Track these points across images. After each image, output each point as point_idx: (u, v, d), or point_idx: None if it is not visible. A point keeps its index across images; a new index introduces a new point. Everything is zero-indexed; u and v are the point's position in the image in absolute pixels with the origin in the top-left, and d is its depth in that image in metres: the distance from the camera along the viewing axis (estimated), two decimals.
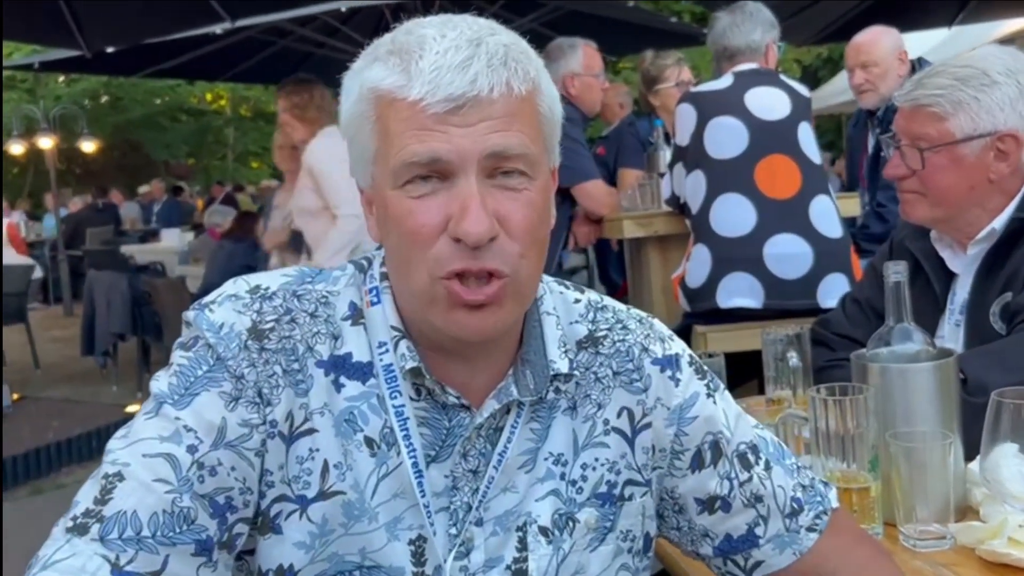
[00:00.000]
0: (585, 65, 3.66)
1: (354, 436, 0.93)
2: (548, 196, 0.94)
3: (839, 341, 1.84)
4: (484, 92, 0.85)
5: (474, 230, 0.85)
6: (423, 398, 0.94)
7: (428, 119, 0.85)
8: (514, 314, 0.92)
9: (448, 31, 0.87)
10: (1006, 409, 1.08)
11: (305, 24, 7.00)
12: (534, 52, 0.93)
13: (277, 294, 0.95)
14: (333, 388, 0.93)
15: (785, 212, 2.82)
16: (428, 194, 0.87)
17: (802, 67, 16.72)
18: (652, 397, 1.02)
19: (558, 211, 3.40)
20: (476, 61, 0.85)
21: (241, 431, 0.89)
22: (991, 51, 1.66)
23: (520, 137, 0.87)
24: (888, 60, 3.50)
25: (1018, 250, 1.62)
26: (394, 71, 0.87)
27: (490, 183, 0.87)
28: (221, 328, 0.91)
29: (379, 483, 0.93)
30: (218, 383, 0.90)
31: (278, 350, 0.92)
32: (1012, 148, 1.62)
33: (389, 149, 0.88)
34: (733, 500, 1.03)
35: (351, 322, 0.96)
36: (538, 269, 0.94)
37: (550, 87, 0.94)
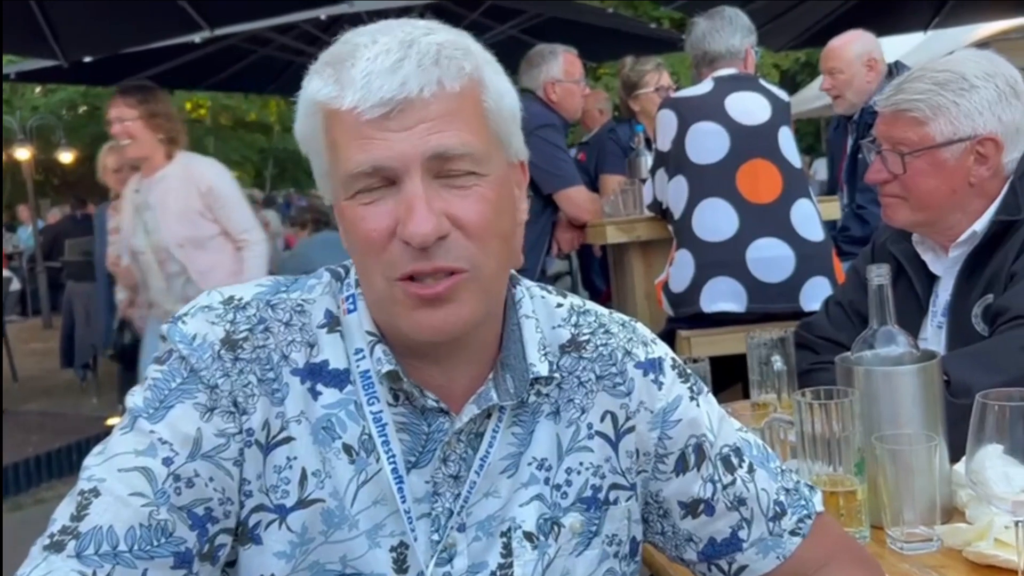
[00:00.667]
0: (565, 71, 3.68)
1: (332, 444, 0.92)
2: (506, 190, 0.93)
3: (823, 344, 1.85)
4: (415, 93, 0.85)
5: (419, 231, 0.85)
6: (401, 403, 0.94)
7: (366, 126, 0.86)
8: (478, 310, 0.91)
9: (381, 36, 0.88)
10: (991, 411, 1.08)
11: (285, 32, 6.97)
12: (478, 48, 0.93)
13: (251, 304, 0.95)
14: (310, 396, 0.93)
15: (767, 216, 2.83)
16: (377, 200, 0.87)
17: (781, 72, 16.84)
18: (635, 401, 1.02)
19: (540, 218, 3.40)
20: (406, 63, 0.85)
21: (217, 441, 0.89)
22: (969, 55, 1.68)
23: (460, 136, 0.87)
24: (853, 66, 3.54)
25: (999, 252, 1.64)
26: (329, 82, 0.88)
27: (438, 183, 0.87)
28: (194, 340, 0.91)
29: (359, 490, 0.92)
30: (192, 394, 0.90)
31: (252, 359, 0.92)
32: (991, 151, 1.63)
33: (337, 160, 0.89)
34: (716, 503, 1.03)
35: (327, 330, 0.96)
36: (503, 263, 0.93)
37: (497, 81, 0.93)
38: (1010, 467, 1.09)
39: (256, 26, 6.31)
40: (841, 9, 6.82)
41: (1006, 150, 1.64)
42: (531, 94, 3.69)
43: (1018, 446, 1.08)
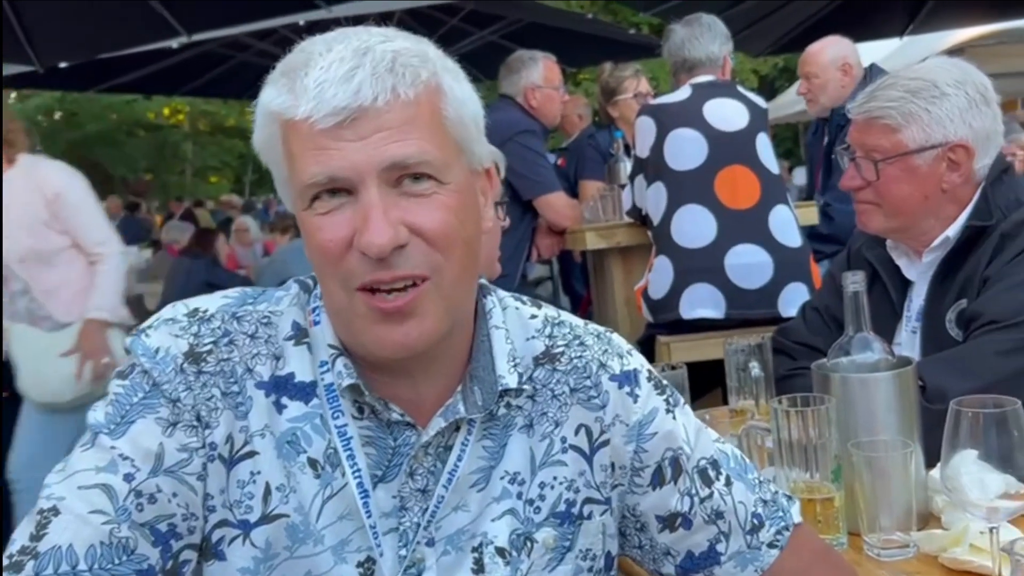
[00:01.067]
0: (545, 78, 3.69)
1: (297, 458, 0.91)
2: (469, 198, 0.92)
3: (800, 350, 1.86)
4: (369, 101, 0.83)
5: (375, 241, 0.83)
6: (366, 416, 0.93)
7: (321, 136, 0.84)
8: (441, 323, 0.89)
9: (336, 44, 0.86)
10: (965, 417, 1.09)
11: (264, 38, 6.94)
12: (437, 54, 0.92)
13: (216, 316, 0.94)
14: (274, 409, 0.92)
15: (745, 222, 2.84)
16: (335, 209, 0.86)
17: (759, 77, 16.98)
18: (610, 414, 1.01)
19: (520, 224, 3.40)
20: (360, 71, 0.84)
21: (180, 456, 0.88)
22: (940, 63, 1.69)
23: (418, 144, 0.85)
24: (828, 71, 3.59)
25: (972, 257, 1.65)
26: (283, 91, 0.87)
27: (395, 192, 0.86)
28: (157, 353, 0.90)
29: (324, 505, 0.91)
30: (154, 409, 0.89)
31: (216, 373, 0.91)
32: (963, 158, 1.65)
33: (294, 171, 0.88)
34: (694, 517, 1.03)
35: (294, 342, 0.95)
36: (467, 272, 0.92)
37: (457, 88, 0.91)
38: (985, 473, 1.10)
39: (234, 32, 6.28)
40: (818, 15, 6.88)
41: (977, 156, 1.65)
42: (510, 100, 3.70)
43: (992, 452, 1.09)
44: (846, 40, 3.70)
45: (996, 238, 1.62)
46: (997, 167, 1.68)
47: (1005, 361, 1.50)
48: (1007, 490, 1.10)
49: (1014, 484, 1.09)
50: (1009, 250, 1.59)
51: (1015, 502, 1.09)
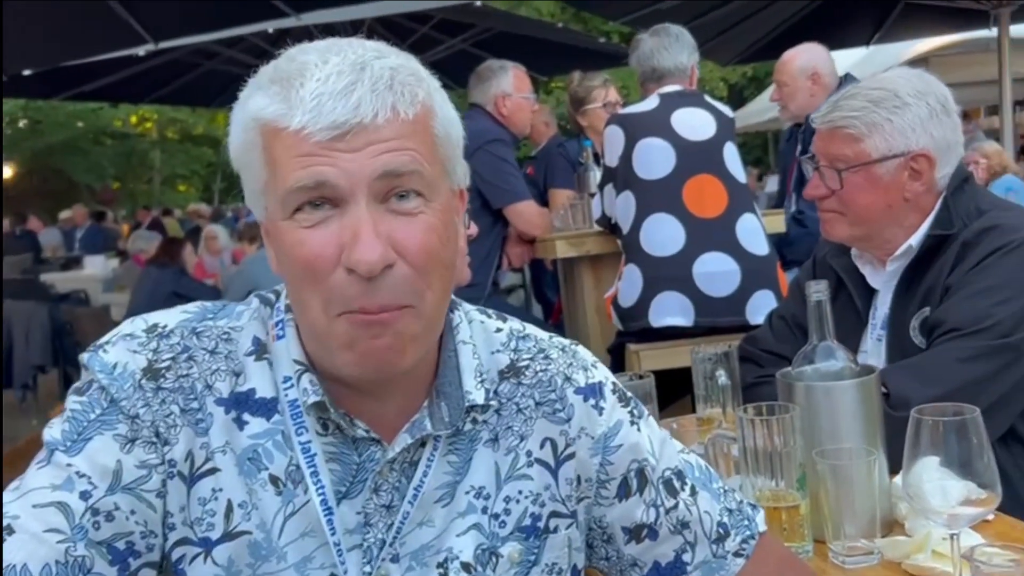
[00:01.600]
0: (515, 86, 3.69)
1: (258, 475, 0.90)
2: (449, 218, 0.91)
3: (767, 357, 1.87)
4: (368, 118, 0.82)
5: (366, 258, 0.82)
6: (331, 432, 0.92)
7: (313, 146, 0.82)
8: (420, 346, 0.89)
9: (331, 56, 0.85)
10: (925, 425, 1.10)
11: (232, 46, 6.89)
12: (427, 73, 0.91)
13: (175, 332, 0.92)
14: (235, 426, 0.91)
15: (713, 231, 2.86)
16: (320, 222, 0.84)
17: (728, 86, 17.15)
18: (576, 427, 1.00)
19: (491, 232, 3.39)
20: (359, 86, 0.82)
21: (139, 473, 0.87)
22: (901, 73, 1.72)
23: (412, 155, 0.84)
24: (797, 80, 3.64)
25: (934, 266, 1.67)
26: (275, 100, 0.84)
27: (384, 208, 0.84)
28: (115, 369, 0.89)
29: (286, 522, 0.90)
30: (112, 425, 0.87)
31: (175, 389, 0.89)
32: (925, 167, 1.67)
33: (276, 178, 0.86)
34: (660, 527, 1.03)
35: (255, 357, 0.93)
36: (444, 296, 0.91)
37: (447, 109, 0.91)
38: (947, 479, 1.11)
39: (201, 39, 6.23)
40: (785, 25, 6.98)
41: (938, 166, 1.67)
42: (480, 109, 3.70)
43: (953, 459, 1.10)
44: (820, 48, 3.73)
45: (958, 247, 1.64)
46: (958, 176, 1.71)
47: (967, 368, 1.52)
48: (968, 496, 1.11)
49: (975, 491, 1.10)
50: (970, 259, 1.61)
51: (975, 508, 1.11)
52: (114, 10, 5.01)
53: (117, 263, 9.46)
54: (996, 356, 1.53)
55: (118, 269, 8.59)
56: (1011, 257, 1.59)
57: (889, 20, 7.18)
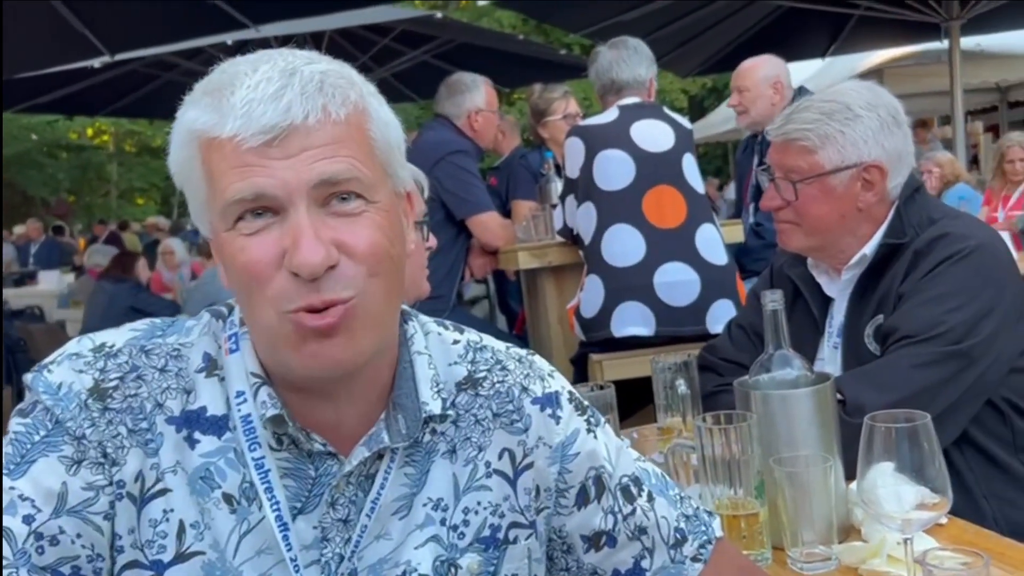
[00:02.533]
0: (488, 102, 3.73)
1: (211, 494, 0.89)
2: (395, 218, 0.91)
3: (726, 366, 1.89)
4: (299, 120, 0.83)
5: (308, 261, 0.82)
6: (285, 447, 0.91)
7: (248, 154, 0.83)
8: (371, 342, 0.88)
9: (261, 65, 0.85)
10: (878, 432, 1.12)
11: (191, 58, 6.82)
12: (361, 78, 0.91)
13: (123, 351, 0.91)
14: (186, 445, 0.89)
15: (673, 241, 2.88)
16: (261, 230, 0.84)
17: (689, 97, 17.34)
18: (533, 437, 1.01)
19: (455, 243, 3.38)
20: (289, 90, 0.83)
21: (85, 495, 0.85)
22: (852, 86, 1.75)
23: (348, 161, 0.85)
24: (760, 87, 3.71)
25: (887, 274, 1.70)
26: (207, 110, 0.85)
27: (324, 212, 0.85)
28: (59, 389, 0.87)
29: (241, 540, 0.89)
30: (57, 447, 0.85)
31: (123, 409, 0.88)
32: (877, 178, 1.70)
33: (216, 191, 0.86)
34: (618, 534, 1.03)
35: (205, 374, 0.92)
36: (393, 293, 0.91)
37: (382, 112, 0.91)
38: (901, 485, 1.13)
39: (158, 51, 6.16)
40: (743, 36, 7.08)
41: (890, 176, 1.71)
42: (445, 120, 3.70)
43: (905, 465, 1.12)
44: (779, 60, 3.82)
45: (910, 255, 1.67)
46: (910, 186, 1.74)
47: (921, 374, 1.55)
48: (923, 501, 1.13)
49: (928, 495, 1.12)
50: (922, 267, 1.65)
51: (928, 513, 1.12)
52: (68, 21, 4.94)
53: (72, 278, 9.29)
54: (949, 362, 1.56)
55: (73, 284, 8.43)
56: (962, 265, 1.62)
57: (844, 32, 7.32)
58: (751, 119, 3.76)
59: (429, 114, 3.93)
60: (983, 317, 1.58)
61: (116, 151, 22.21)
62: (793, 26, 6.89)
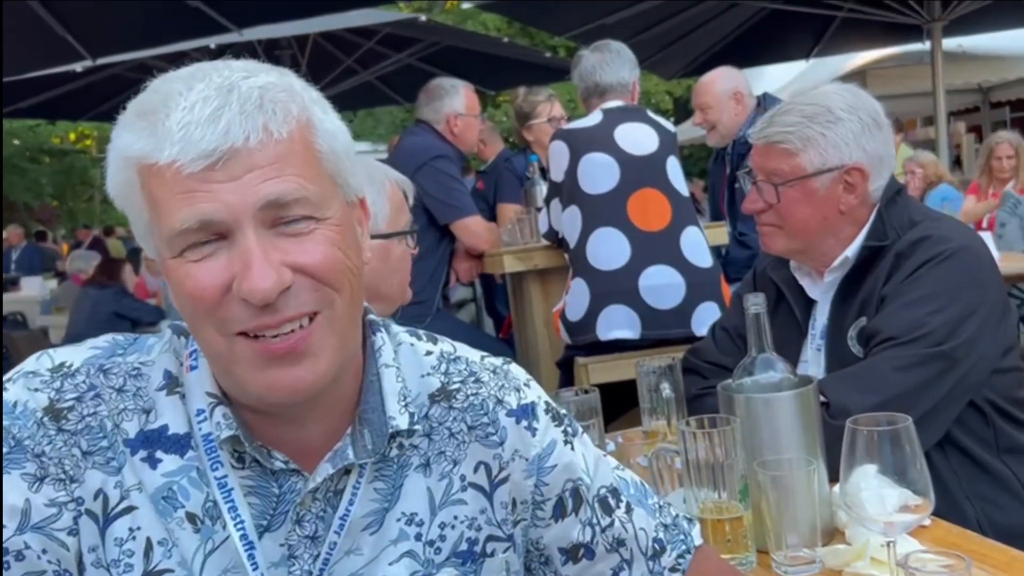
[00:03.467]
0: (467, 106, 3.72)
1: (174, 514, 0.87)
2: (348, 230, 0.88)
3: (710, 369, 1.89)
4: (240, 142, 0.79)
5: (259, 286, 0.79)
6: (248, 465, 0.90)
7: (189, 179, 0.79)
8: (332, 362, 0.86)
9: (196, 83, 0.81)
10: (860, 435, 1.12)
11: (174, 61, 6.76)
12: (303, 86, 0.88)
13: (80, 371, 0.89)
14: (147, 465, 0.88)
15: (657, 244, 2.89)
16: (208, 256, 0.81)
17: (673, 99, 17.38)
18: (509, 450, 0.99)
19: (438, 248, 3.38)
20: (227, 110, 0.79)
21: (48, 511, 0.84)
22: (834, 89, 1.76)
23: (294, 181, 0.81)
24: (721, 101, 3.72)
25: (870, 276, 1.71)
26: (142, 135, 0.81)
27: (273, 233, 0.82)
28: (15, 407, 0.86)
29: (206, 560, 0.88)
30: (20, 464, 0.84)
31: (78, 431, 0.86)
32: (859, 180, 1.70)
33: (160, 217, 0.82)
34: (596, 546, 1.02)
35: (166, 392, 0.90)
36: (355, 305, 0.89)
37: (327, 121, 0.88)
38: (884, 487, 1.13)
39: (141, 55, 6.12)
40: (729, 38, 7.11)
41: (872, 178, 1.71)
42: (426, 125, 3.69)
43: (888, 468, 1.12)
44: (734, 70, 3.85)
45: (892, 257, 1.68)
46: (891, 189, 1.75)
47: (903, 376, 1.55)
48: (905, 503, 1.13)
49: (911, 498, 1.13)
50: (904, 269, 1.65)
51: (911, 515, 1.13)
52: (49, 25, 4.90)
53: (55, 284, 9.22)
54: (931, 364, 1.56)
55: (56, 290, 8.36)
56: (943, 266, 1.62)
57: (827, 34, 7.37)
58: (719, 135, 3.80)
59: (413, 118, 3.92)
60: (965, 319, 1.58)
61: (99, 155, 22.06)
62: (777, 28, 6.92)
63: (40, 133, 19.66)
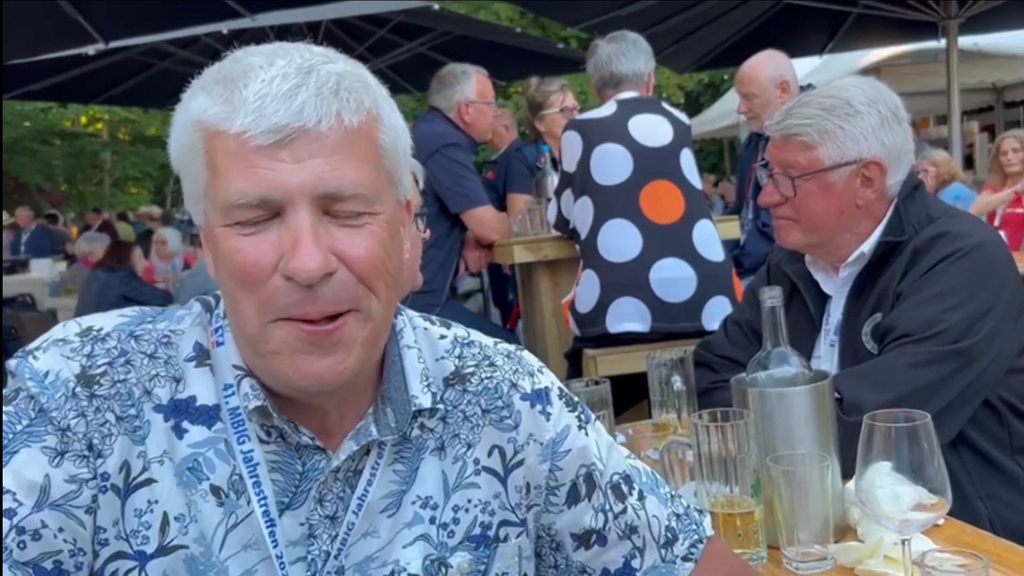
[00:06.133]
0: (479, 93, 3.68)
1: (199, 485, 0.87)
2: (395, 228, 0.89)
3: (722, 362, 1.88)
4: (312, 123, 0.80)
5: (306, 266, 0.80)
6: (274, 440, 0.89)
7: (254, 153, 0.80)
8: (361, 358, 0.87)
9: (277, 59, 0.83)
10: (877, 431, 1.11)
11: (186, 46, 6.78)
12: (375, 82, 0.89)
13: (111, 335, 0.89)
14: (174, 434, 0.88)
15: (669, 237, 2.87)
16: (260, 231, 0.82)
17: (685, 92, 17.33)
18: (523, 434, 0.99)
19: (449, 237, 3.37)
20: (304, 90, 0.80)
21: (68, 488, 0.83)
22: (853, 82, 1.74)
23: (355, 174, 0.83)
24: (768, 90, 3.56)
25: (886, 272, 1.69)
26: (217, 101, 0.82)
27: (326, 219, 0.83)
28: (46, 376, 0.85)
29: (227, 534, 0.87)
30: (40, 437, 0.83)
31: (111, 396, 0.86)
32: (876, 175, 1.69)
33: (217, 185, 0.83)
34: (608, 533, 1.02)
35: (195, 363, 0.90)
36: (390, 305, 0.90)
37: (394, 118, 0.89)
38: (899, 485, 1.12)
39: (154, 39, 6.12)
40: (742, 33, 7.07)
41: (890, 173, 1.69)
42: (439, 113, 3.67)
43: (904, 464, 1.10)
44: (780, 55, 3.67)
45: (909, 253, 1.66)
46: (909, 184, 1.73)
47: (918, 373, 1.54)
48: (920, 501, 1.12)
49: (926, 496, 1.11)
50: (921, 265, 1.63)
51: (926, 514, 1.11)
52: (63, 8, 4.89)
53: (64, 266, 9.25)
54: (946, 361, 1.55)
55: (65, 273, 8.39)
56: (961, 264, 1.61)
57: (842, 30, 7.31)
58: (762, 123, 3.67)
59: (425, 106, 3.90)
60: (981, 316, 1.57)
61: (110, 139, 22.12)
62: (791, 23, 6.87)
63: (52, 116, 19.71)
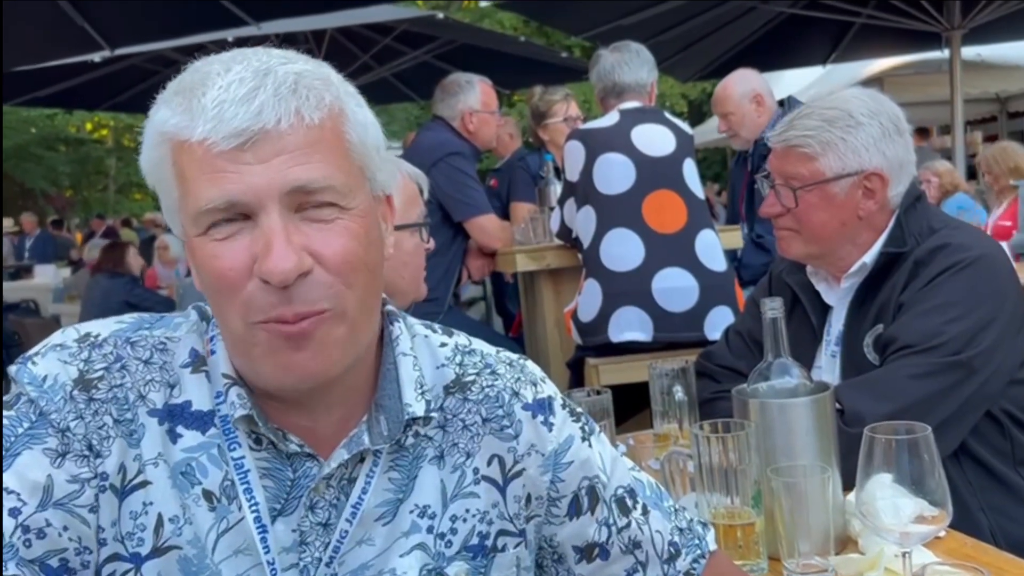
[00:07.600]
0: (483, 102, 3.70)
1: (191, 489, 0.88)
2: (372, 223, 0.89)
3: (723, 372, 1.88)
4: (271, 124, 0.81)
5: (279, 267, 0.80)
6: (264, 447, 0.90)
7: (218, 159, 0.81)
8: (346, 352, 0.87)
9: (234, 64, 0.83)
10: (878, 444, 1.11)
11: (191, 53, 6.75)
12: (339, 78, 0.90)
13: (108, 341, 0.90)
14: (168, 438, 0.88)
15: (672, 246, 2.87)
16: (232, 235, 0.83)
17: (688, 101, 17.35)
18: (524, 444, 0.99)
19: (452, 245, 3.37)
20: (262, 91, 0.81)
21: (70, 488, 0.84)
22: (854, 93, 1.74)
23: (323, 168, 0.83)
24: (742, 106, 3.69)
25: (887, 283, 1.69)
26: (177, 111, 0.83)
27: (298, 217, 0.83)
28: (44, 381, 0.86)
29: (219, 539, 0.88)
30: (41, 439, 0.84)
31: (108, 399, 0.87)
32: (878, 186, 1.69)
33: (188, 194, 0.84)
34: (611, 547, 1.02)
35: (191, 369, 0.91)
36: (370, 301, 0.90)
37: (360, 113, 0.89)
38: (900, 497, 1.11)
39: (159, 47, 6.14)
40: (746, 42, 7.08)
41: (891, 184, 1.70)
42: (442, 121, 3.69)
43: (905, 477, 1.10)
44: (751, 71, 3.81)
45: (910, 264, 1.66)
46: (911, 195, 1.73)
47: (919, 385, 1.54)
48: (921, 514, 1.12)
49: (927, 508, 1.11)
50: (922, 276, 1.64)
51: (927, 526, 1.11)
52: (69, 15, 4.92)
53: (68, 272, 9.27)
54: (947, 373, 1.55)
55: (69, 279, 8.41)
56: (962, 275, 1.61)
57: (845, 40, 7.32)
58: (743, 140, 3.77)
59: (429, 114, 3.91)
60: (983, 328, 1.57)
61: (115, 145, 22.18)
62: (794, 33, 6.89)
63: (57, 122, 19.77)
